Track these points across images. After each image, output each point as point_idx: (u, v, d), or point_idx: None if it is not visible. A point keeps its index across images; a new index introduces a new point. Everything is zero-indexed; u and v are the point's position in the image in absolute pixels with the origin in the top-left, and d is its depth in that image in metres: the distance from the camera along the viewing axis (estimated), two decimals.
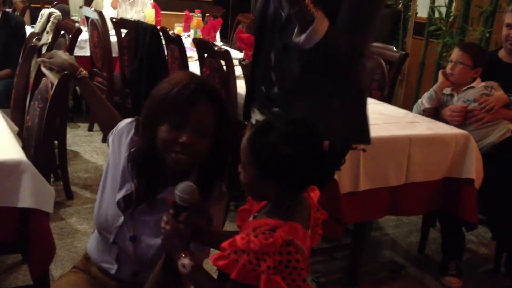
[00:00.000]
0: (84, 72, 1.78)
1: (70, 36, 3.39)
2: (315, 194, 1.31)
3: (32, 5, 5.24)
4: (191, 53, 3.77)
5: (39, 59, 1.89)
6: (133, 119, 1.60)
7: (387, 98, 3.24)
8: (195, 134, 1.39)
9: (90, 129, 4.43)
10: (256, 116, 1.75)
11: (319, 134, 1.21)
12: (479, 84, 2.76)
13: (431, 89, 2.91)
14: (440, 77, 2.89)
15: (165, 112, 1.40)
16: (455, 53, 2.82)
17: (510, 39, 2.80)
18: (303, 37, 1.43)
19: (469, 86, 2.78)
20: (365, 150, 2.05)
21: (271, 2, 1.65)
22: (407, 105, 4.36)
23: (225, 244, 1.16)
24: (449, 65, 2.83)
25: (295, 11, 1.44)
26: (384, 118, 2.64)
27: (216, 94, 1.45)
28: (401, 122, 2.65)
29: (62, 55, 1.83)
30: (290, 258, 1.13)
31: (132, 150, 1.51)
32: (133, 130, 1.56)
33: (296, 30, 1.47)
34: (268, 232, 1.14)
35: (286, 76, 1.61)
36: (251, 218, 1.30)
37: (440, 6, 4.20)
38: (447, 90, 2.86)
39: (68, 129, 3.70)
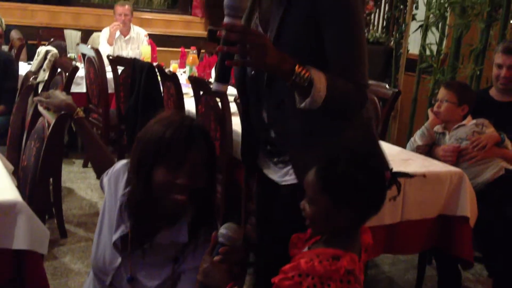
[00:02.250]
0: (81, 113, 1.81)
1: (67, 74, 3.42)
2: (367, 236, 1.37)
3: (29, 42, 5.29)
4: (187, 89, 3.80)
5: (36, 98, 1.91)
6: (129, 160, 1.61)
7: (381, 134, 3.27)
8: (192, 174, 1.41)
9: (85, 165, 4.42)
10: (269, 166, 1.67)
11: (382, 163, 1.34)
12: (470, 122, 2.80)
13: (423, 127, 2.95)
14: (430, 114, 2.94)
15: (160, 155, 1.41)
16: (441, 92, 2.89)
17: (500, 79, 2.86)
18: (308, 101, 1.38)
19: (460, 124, 2.82)
20: (425, 176, 2.03)
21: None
22: (401, 141, 4.39)
23: (286, 267, 1.25)
24: (436, 104, 2.89)
25: (291, 83, 1.38)
26: None
27: (207, 134, 1.50)
28: (396, 159, 2.66)
29: (59, 95, 1.85)
30: (349, 287, 1.22)
31: (126, 190, 1.52)
32: (128, 174, 1.57)
33: (297, 98, 1.42)
34: (331, 260, 1.23)
35: (288, 132, 1.54)
36: (306, 248, 1.37)
37: (431, 44, 4.27)
38: (439, 128, 2.90)
39: (63, 165, 3.70)
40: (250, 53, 1.31)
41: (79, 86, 4.40)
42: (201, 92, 3.23)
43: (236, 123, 2.96)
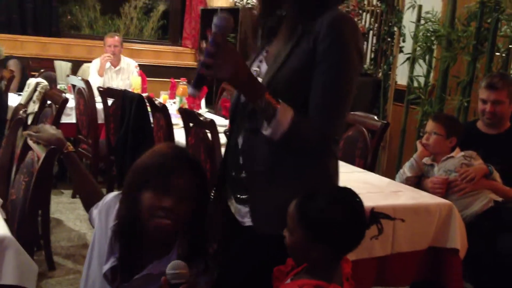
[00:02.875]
0: (71, 147, 1.82)
1: (57, 106, 3.43)
2: (347, 265, 1.36)
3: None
4: (177, 120, 3.81)
5: (26, 132, 1.92)
6: (119, 192, 1.62)
7: (370, 166, 3.29)
8: (178, 199, 1.44)
9: (74, 196, 4.39)
10: (232, 203, 1.67)
11: (360, 200, 1.34)
12: (458, 154, 2.83)
13: (412, 158, 2.98)
14: (419, 146, 2.97)
15: (148, 180, 1.45)
16: (429, 124, 2.94)
17: (486, 114, 2.92)
18: (269, 130, 1.45)
19: (448, 156, 2.85)
20: (403, 220, 2.07)
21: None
22: (390, 171, 4.42)
23: None
24: (425, 136, 2.93)
25: (257, 107, 1.45)
26: (367, 187, 2.67)
27: (195, 162, 1.53)
28: (385, 191, 2.68)
29: (49, 129, 1.86)
30: None
31: (116, 221, 1.53)
32: (119, 204, 1.58)
33: (264, 123, 1.47)
34: None
35: (254, 159, 1.58)
36: (289, 280, 1.37)
37: (418, 75, 4.33)
38: (428, 160, 2.93)
39: (52, 196, 3.68)
40: (220, 65, 1.39)
41: (69, 117, 4.40)
42: (191, 124, 3.25)
43: None
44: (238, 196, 1.63)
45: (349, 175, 2.80)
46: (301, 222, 1.30)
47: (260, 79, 1.54)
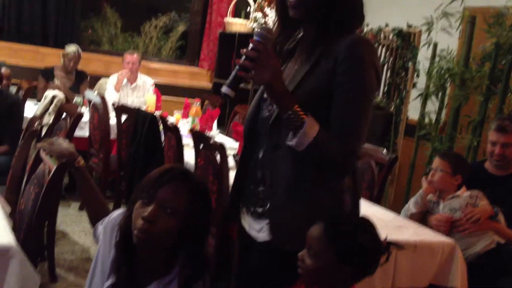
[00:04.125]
0: (82, 161, 1.84)
1: (72, 119, 3.49)
2: None
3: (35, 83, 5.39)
4: (188, 140, 3.85)
5: (39, 144, 1.95)
6: (125, 209, 1.64)
7: (377, 198, 3.30)
8: (160, 211, 1.42)
9: (82, 208, 4.42)
10: (246, 219, 1.73)
11: (376, 227, 1.43)
12: (464, 193, 2.83)
13: (417, 194, 2.99)
14: (424, 183, 2.98)
15: (142, 191, 1.47)
16: (436, 161, 2.96)
17: (495, 156, 2.93)
18: (294, 140, 1.49)
19: (454, 195, 2.85)
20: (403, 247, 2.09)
21: (264, 106, 1.69)
22: (397, 205, 4.41)
23: None
24: (431, 172, 2.94)
25: (285, 116, 1.50)
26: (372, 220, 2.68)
27: (195, 182, 1.51)
28: (389, 226, 2.68)
29: (62, 143, 1.89)
30: None
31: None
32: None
33: (289, 134, 1.52)
34: None
35: (276, 176, 1.61)
36: None
37: (430, 112, 4.35)
38: (433, 197, 2.94)
39: (59, 207, 3.70)
40: (260, 69, 1.47)
41: (83, 130, 4.47)
42: (201, 146, 3.28)
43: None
44: (255, 209, 1.67)
45: None
46: (330, 244, 1.37)
47: None
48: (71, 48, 5.28)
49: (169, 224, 1.43)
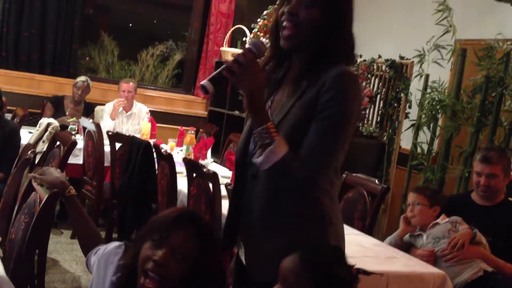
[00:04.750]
0: (73, 190, 1.85)
1: (65, 147, 3.50)
2: None
3: (32, 110, 5.43)
4: (181, 168, 3.86)
5: (31, 174, 1.96)
6: (121, 243, 1.64)
7: (369, 228, 3.30)
8: (171, 256, 1.42)
9: (73, 236, 4.40)
10: (243, 251, 1.73)
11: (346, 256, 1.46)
12: (443, 220, 2.86)
13: (392, 236, 3.01)
14: (402, 224, 2.99)
15: (152, 231, 1.46)
16: (411, 197, 3.01)
17: (480, 186, 2.95)
18: (260, 158, 1.50)
19: (434, 222, 2.88)
20: (382, 275, 2.11)
21: (252, 138, 1.69)
22: (390, 234, 4.41)
23: None
24: (409, 208, 2.96)
25: (258, 131, 1.51)
26: (363, 251, 2.68)
27: (204, 226, 1.51)
28: (380, 256, 2.69)
29: (53, 172, 1.90)
30: None
31: (116, 276, 1.54)
32: (120, 255, 1.59)
33: (257, 152, 1.54)
34: None
35: (252, 205, 1.63)
36: None
37: (422, 142, 4.39)
38: (416, 230, 2.95)
39: (51, 235, 3.69)
40: (244, 77, 1.50)
41: (76, 158, 4.47)
42: (194, 174, 3.30)
43: (226, 207, 3.00)
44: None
45: (346, 238, 2.82)
46: (306, 275, 1.36)
47: None
48: (81, 78, 5.44)
49: (178, 270, 1.43)
